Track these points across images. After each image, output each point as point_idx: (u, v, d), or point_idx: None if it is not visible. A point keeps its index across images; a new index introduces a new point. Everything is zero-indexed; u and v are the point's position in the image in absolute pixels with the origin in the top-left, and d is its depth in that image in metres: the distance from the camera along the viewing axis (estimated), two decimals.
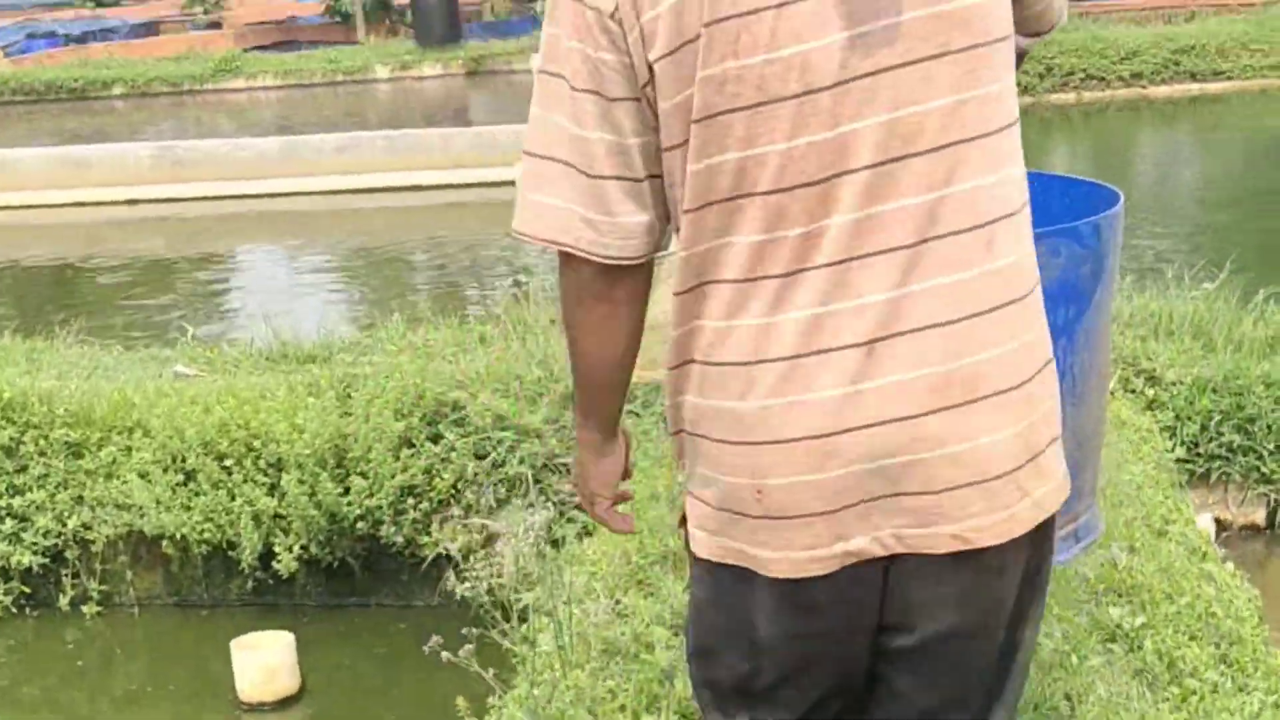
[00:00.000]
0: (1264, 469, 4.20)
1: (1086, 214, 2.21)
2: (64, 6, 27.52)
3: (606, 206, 1.53)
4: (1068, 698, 2.58)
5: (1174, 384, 4.25)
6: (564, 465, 3.95)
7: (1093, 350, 2.27)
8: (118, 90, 16.29)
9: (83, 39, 21.65)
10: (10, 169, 10.47)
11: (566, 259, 1.57)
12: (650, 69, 1.48)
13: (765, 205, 1.48)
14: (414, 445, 4.18)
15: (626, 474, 1.80)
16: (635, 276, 1.59)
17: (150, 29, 23.11)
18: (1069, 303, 2.17)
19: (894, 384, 1.48)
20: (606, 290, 1.58)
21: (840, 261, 1.47)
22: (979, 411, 1.49)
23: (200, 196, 10.44)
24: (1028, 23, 1.65)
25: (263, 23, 22.27)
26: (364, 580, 4.44)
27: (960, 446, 1.49)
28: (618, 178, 1.53)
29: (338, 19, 20.30)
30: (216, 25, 21.91)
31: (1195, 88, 13.39)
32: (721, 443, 1.55)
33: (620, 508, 1.82)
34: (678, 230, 1.57)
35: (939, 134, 1.46)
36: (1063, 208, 2.26)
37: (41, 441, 4.34)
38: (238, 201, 10.58)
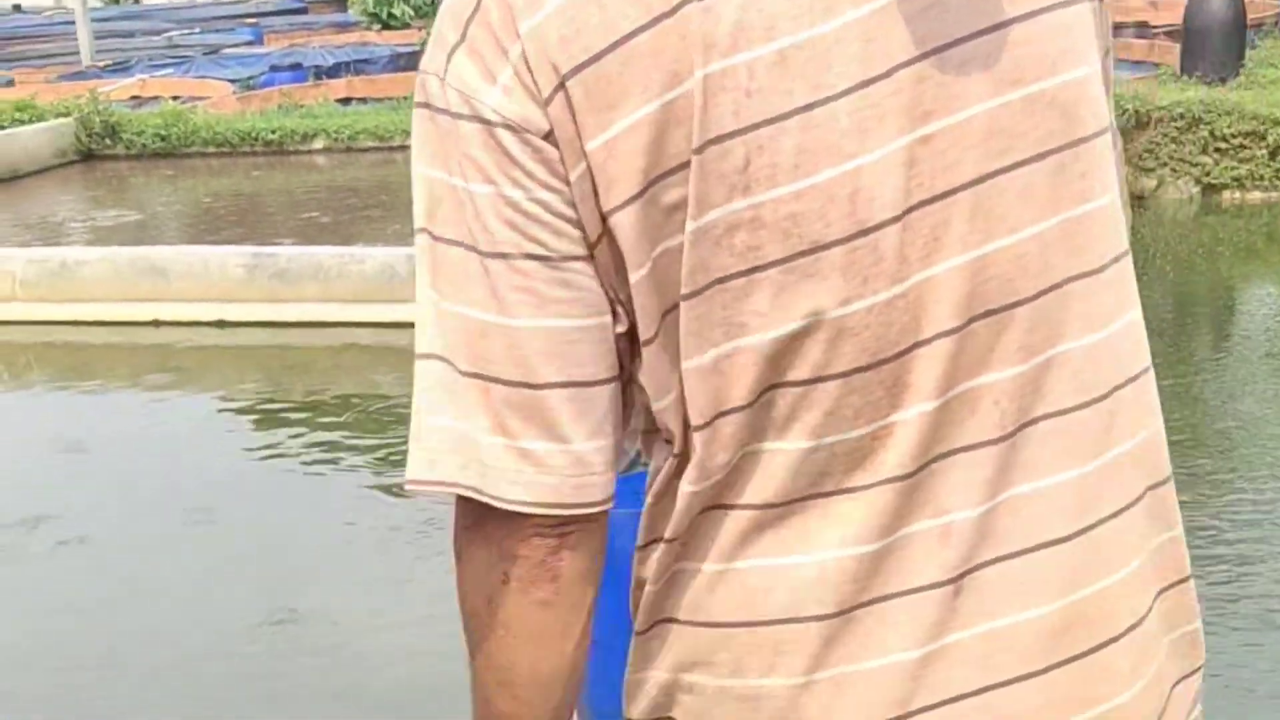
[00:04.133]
0: None
1: None
2: (352, 28, 26.09)
3: (551, 429, 0.95)
4: None
5: None
6: None
7: None
8: (319, 144, 13.97)
9: (334, 71, 19.73)
10: (72, 274, 8.01)
11: (478, 519, 0.96)
12: (604, 222, 0.93)
13: (807, 401, 0.95)
14: None
15: None
16: (591, 539, 0.98)
17: (414, 59, 21.08)
18: None
19: (994, 632, 0.98)
20: (548, 561, 0.96)
21: (914, 472, 0.96)
22: (1111, 659, 1.01)
23: (311, 321, 7.74)
24: None
25: None
26: None
27: (1091, 712, 1.01)
28: (565, 384, 0.95)
29: None
30: None
31: None
32: None
33: None
34: (671, 455, 1.00)
35: (1043, 272, 0.96)
36: None
37: None
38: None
